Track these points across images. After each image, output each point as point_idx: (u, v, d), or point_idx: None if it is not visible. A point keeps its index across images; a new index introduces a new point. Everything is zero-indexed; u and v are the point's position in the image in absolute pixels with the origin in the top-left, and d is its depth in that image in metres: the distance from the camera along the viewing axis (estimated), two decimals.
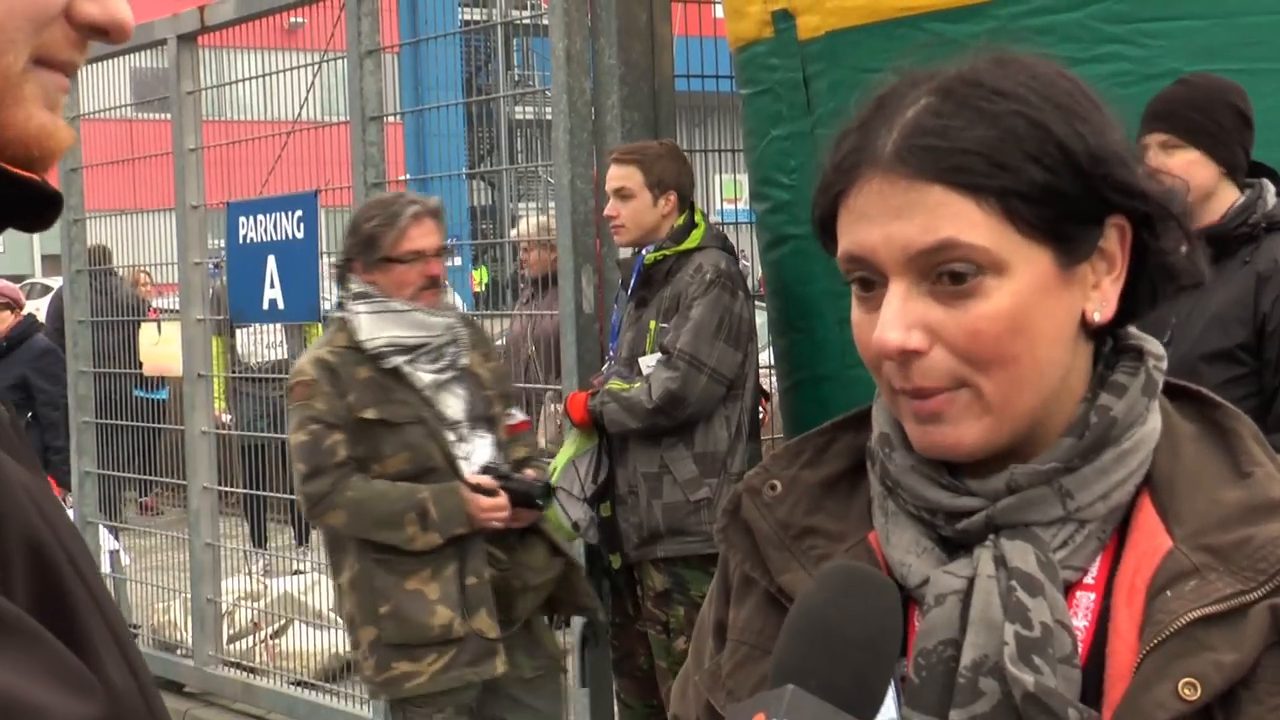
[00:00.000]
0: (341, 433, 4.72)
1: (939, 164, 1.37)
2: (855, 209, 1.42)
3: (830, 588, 1.33)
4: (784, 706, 1.23)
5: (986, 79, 1.42)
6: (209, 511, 7.86)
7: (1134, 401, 1.45)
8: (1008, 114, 1.39)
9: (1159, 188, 1.44)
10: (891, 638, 1.30)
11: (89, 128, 8.78)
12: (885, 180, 1.40)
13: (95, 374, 8.76)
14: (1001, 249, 1.38)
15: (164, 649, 8.32)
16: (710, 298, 5.29)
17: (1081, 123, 1.40)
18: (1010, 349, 1.38)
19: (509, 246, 12.37)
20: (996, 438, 1.42)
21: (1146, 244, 1.45)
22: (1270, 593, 1.34)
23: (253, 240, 7.34)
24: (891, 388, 1.44)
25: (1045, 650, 1.36)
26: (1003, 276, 1.38)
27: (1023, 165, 1.37)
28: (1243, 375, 4.09)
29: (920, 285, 1.39)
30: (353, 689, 7.23)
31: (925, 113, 1.40)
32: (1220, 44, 4.44)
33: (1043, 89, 1.41)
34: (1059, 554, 1.42)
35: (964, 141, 1.38)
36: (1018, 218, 1.38)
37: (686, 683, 1.68)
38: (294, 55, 8.06)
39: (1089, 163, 1.39)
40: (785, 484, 1.57)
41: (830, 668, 1.27)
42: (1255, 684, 1.34)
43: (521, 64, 23.58)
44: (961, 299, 1.38)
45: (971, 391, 1.40)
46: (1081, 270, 1.43)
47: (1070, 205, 1.39)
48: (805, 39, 5.00)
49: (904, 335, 1.38)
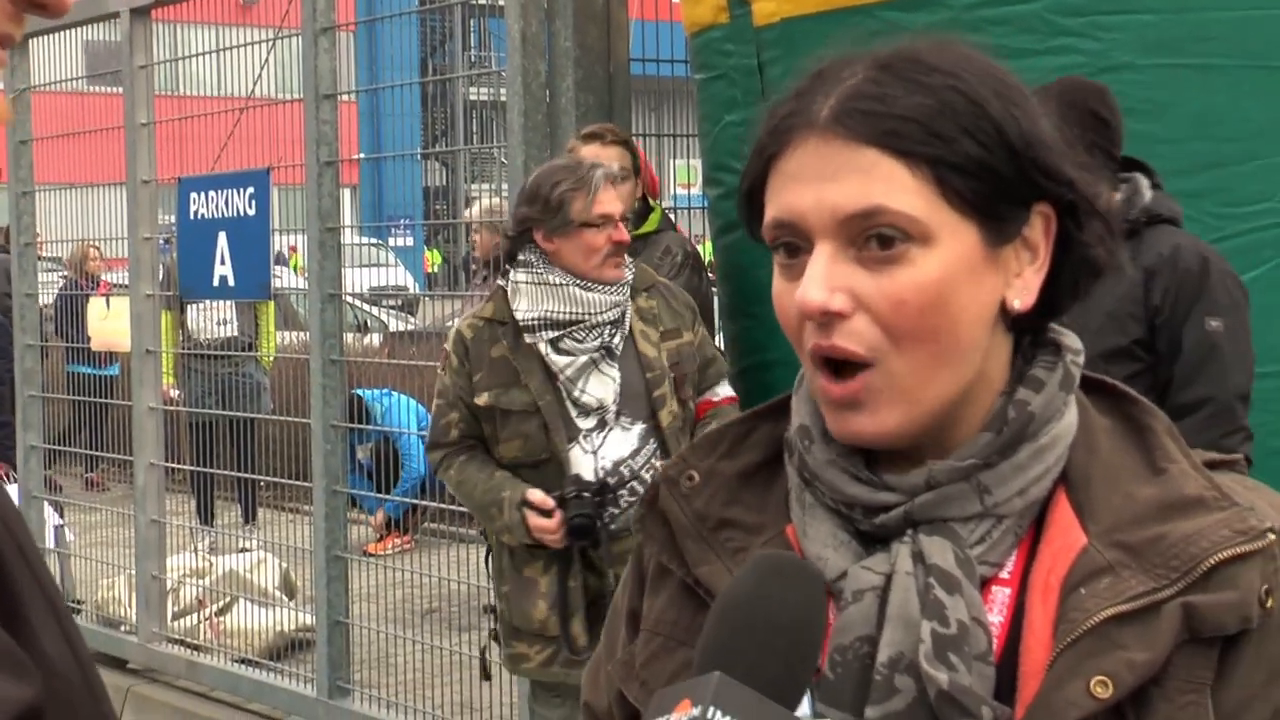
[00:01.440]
0: (459, 411, 4.65)
1: (876, 127, 1.38)
2: (787, 171, 1.42)
3: (758, 576, 1.33)
4: (710, 693, 1.22)
5: (925, 56, 1.42)
6: (155, 488, 7.81)
7: (1051, 396, 1.45)
8: (945, 88, 1.39)
9: (1086, 178, 1.45)
10: (817, 627, 1.30)
11: (40, 100, 8.70)
12: (821, 140, 1.40)
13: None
14: (930, 219, 1.38)
15: (108, 625, 8.27)
16: (682, 279, 5.33)
17: (1015, 106, 1.41)
18: (931, 321, 1.38)
19: (463, 228, 12.36)
20: (914, 424, 1.42)
21: (1070, 235, 1.45)
22: (1182, 590, 1.35)
23: (204, 216, 7.30)
24: (809, 354, 1.42)
25: (961, 648, 1.35)
26: (929, 247, 1.38)
27: (958, 137, 1.38)
28: (1141, 371, 4.12)
29: (847, 250, 1.39)
30: (297, 667, 7.22)
31: (864, 81, 1.41)
32: (1173, 38, 4.46)
33: (979, 71, 1.42)
34: (976, 549, 1.41)
35: (901, 108, 1.38)
36: (949, 189, 1.38)
37: (599, 670, 1.66)
38: (249, 31, 8.02)
39: (1021, 144, 1.40)
40: (703, 475, 1.55)
41: (756, 655, 1.27)
42: (1166, 682, 1.34)
43: (479, 45, 23.56)
44: (887, 266, 1.38)
45: (885, 374, 1.40)
46: (1006, 254, 1.43)
47: (1001, 183, 1.40)
48: (760, 25, 5.01)
49: (827, 295, 1.38)
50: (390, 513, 9.60)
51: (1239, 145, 4.45)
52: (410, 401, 9.27)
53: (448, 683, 6.62)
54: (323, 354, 6.67)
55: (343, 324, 6.84)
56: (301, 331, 8.59)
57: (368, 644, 7.13)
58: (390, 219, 18.34)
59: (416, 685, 6.63)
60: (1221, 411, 4.08)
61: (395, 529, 9.59)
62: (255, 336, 9.66)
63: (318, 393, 6.71)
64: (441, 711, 6.50)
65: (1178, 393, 4.11)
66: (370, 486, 9.05)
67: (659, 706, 1.26)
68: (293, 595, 8.32)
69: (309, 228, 6.69)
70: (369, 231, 19.28)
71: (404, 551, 9.15)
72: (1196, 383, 4.10)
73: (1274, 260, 4.45)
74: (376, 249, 19.19)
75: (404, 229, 19.24)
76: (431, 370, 8.75)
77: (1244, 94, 4.44)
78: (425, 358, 8.62)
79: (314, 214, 6.63)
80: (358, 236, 15.55)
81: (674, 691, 1.27)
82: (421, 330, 11.01)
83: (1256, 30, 4.46)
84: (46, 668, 1.15)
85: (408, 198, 17.75)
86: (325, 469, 6.71)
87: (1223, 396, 4.09)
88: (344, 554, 6.79)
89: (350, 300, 9.97)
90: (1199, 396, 4.09)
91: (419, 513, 9.59)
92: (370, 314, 13.12)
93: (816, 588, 1.33)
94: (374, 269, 18.51)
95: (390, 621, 7.47)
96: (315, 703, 6.83)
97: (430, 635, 7.15)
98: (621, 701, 1.57)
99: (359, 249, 16.33)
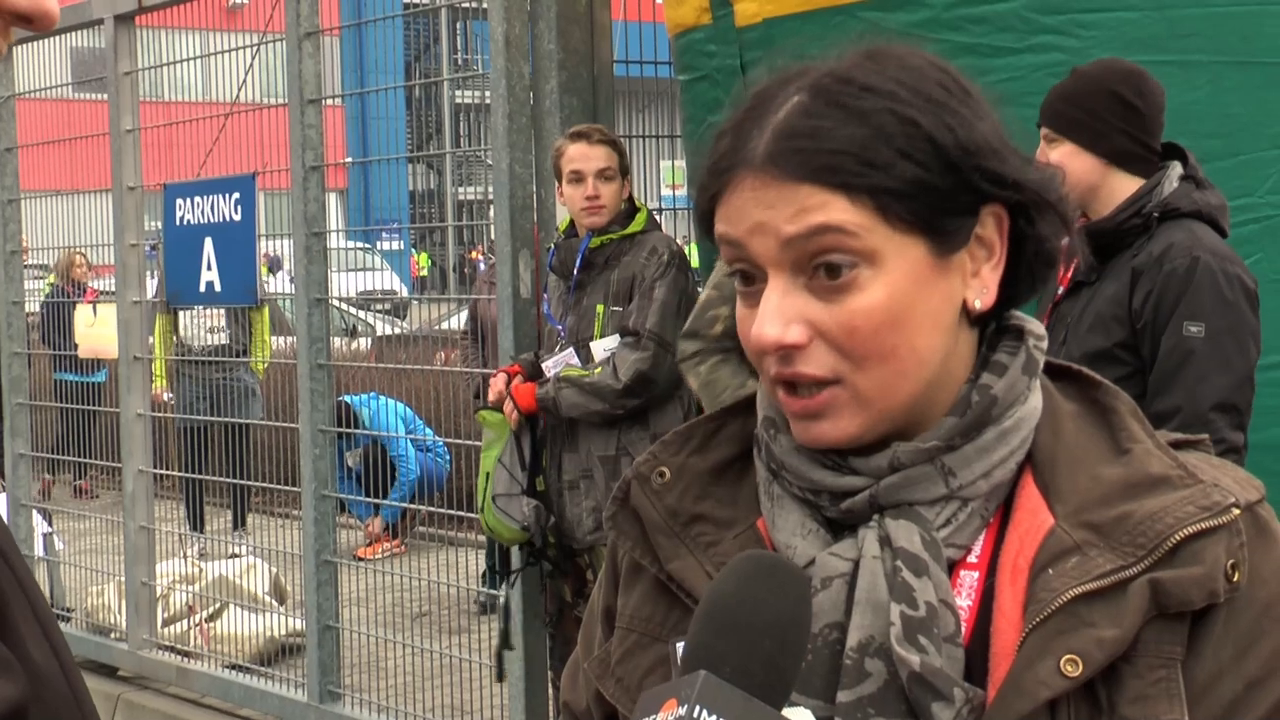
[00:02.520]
0: (730, 308, 4.61)
1: (808, 164, 1.39)
2: (730, 206, 1.43)
3: (742, 575, 1.33)
4: (695, 693, 1.23)
5: (857, 75, 1.42)
6: (144, 494, 7.81)
7: (1014, 380, 1.47)
8: (877, 111, 1.39)
9: (1034, 175, 1.45)
10: (803, 625, 1.31)
11: (25, 107, 8.70)
12: (758, 180, 1.41)
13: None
14: (874, 238, 1.39)
15: (98, 632, 8.27)
16: (670, 278, 5.36)
17: (951, 115, 1.41)
18: (888, 341, 1.40)
19: (451, 231, 12.36)
20: (878, 427, 1.44)
21: (1024, 231, 1.46)
22: (1149, 568, 1.36)
23: (190, 222, 7.30)
24: (772, 379, 1.44)
25: (930, 630, 1.37)
26: (876, 268, 1.39)
27: (893, 161, 1.38)
28: (1127, 375, 3.97)
29: (797, 280, 1.40)
30: (287, 673, 7.22)
31: (796, 113, 1.41)
32: (1153, 35, 4.48)
33: (913, 83, 1.42)
34: (942, 532, 1.43)
35: (833, 142, 1.38)
36: (890, 213, 1.39)
37: (577, 670, 1.67)
38: (234, 36, 8.02)
39: (959, 155, 1.40)
40: (674, 471, 1.56)
41: (742, 654, 1.27)
42: (1136, 658, 1.36)
43: (464, 48, 23.54)
44: (838, 294, 1.39)
45: (849, 390, 1.41)
46: (959, 259, 1.44)
47: (942, 198, 1.40)
48: (743, 26, 5.02)
49: (782, 330, 1.40)
50: (386, 518, 9.61)
51: (1220, 141, 4.46)
52: (398, 405, 9.28)
53: (439, 686, 6.63)
54: (310, 359, 6.67)
55: (330, 328, 6.84)
56: (290, 336, 8.59)
57: (358, 648, 7.13)
58: (378, 223, 18.33)
59: (407, 689, 6.63)
60: (1191, 422, 3.85)
61: (386, 533, 9.60)
62: (249, 343, 9.66)
63: (306, 397, 6.71)
64: (432, 715, 6.50)
65: (1151, 401, 3.95)
66: (360, 492, 9.06)
67: (645, 707, 1.27)
68: (283, 600, 8.32)
69: (295, 232, 6.69)
70: (357, 236, 19.26)
71: (394, 555, 9.15)
72: (1168, 392, 3.93)
73: (1255, 255, 4.45)
74: (365, 253, 19.18)
75: (393, 233, 19.23)
76: (420, 374, 8.78)
77: (1224, 90, 4.46)
78: (414, 362, 8.63)
79: (300, 219, 6.63)
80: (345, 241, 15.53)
81: (660, 692, 1.27)
82: (410, 334, 11.01)
83: (1236, 26, 4.47)
84: (31, 672, 1.15)
85: (395, 202, 17.75)
86: (314, 473, 6.71)
87: (1193, 407, 3.90)
88: (334, 558, 6.80)
89: (338, 305, 9.97)
90: (1169, 407, 3.91)
91: (412, 517, 9.60)
92: (359, 318, 13.11)
93: (800, 585, 1.33)
94: (363, 273, 18.50)
95: (381, 625, 7.47)
96: (306, 708, 6.83)
97: (421, 639, 7.16)
98: (599, 699, 1.58)
99: (347, 253, 16.31)
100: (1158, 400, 3.94)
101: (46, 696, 1.16)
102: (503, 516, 5.48)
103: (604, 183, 5.41)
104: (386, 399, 8.87)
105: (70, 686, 1.21)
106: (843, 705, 1.38)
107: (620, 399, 5.27)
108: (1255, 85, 4.47)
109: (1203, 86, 4.45)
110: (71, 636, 8.24)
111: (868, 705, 1.37)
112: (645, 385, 5.28)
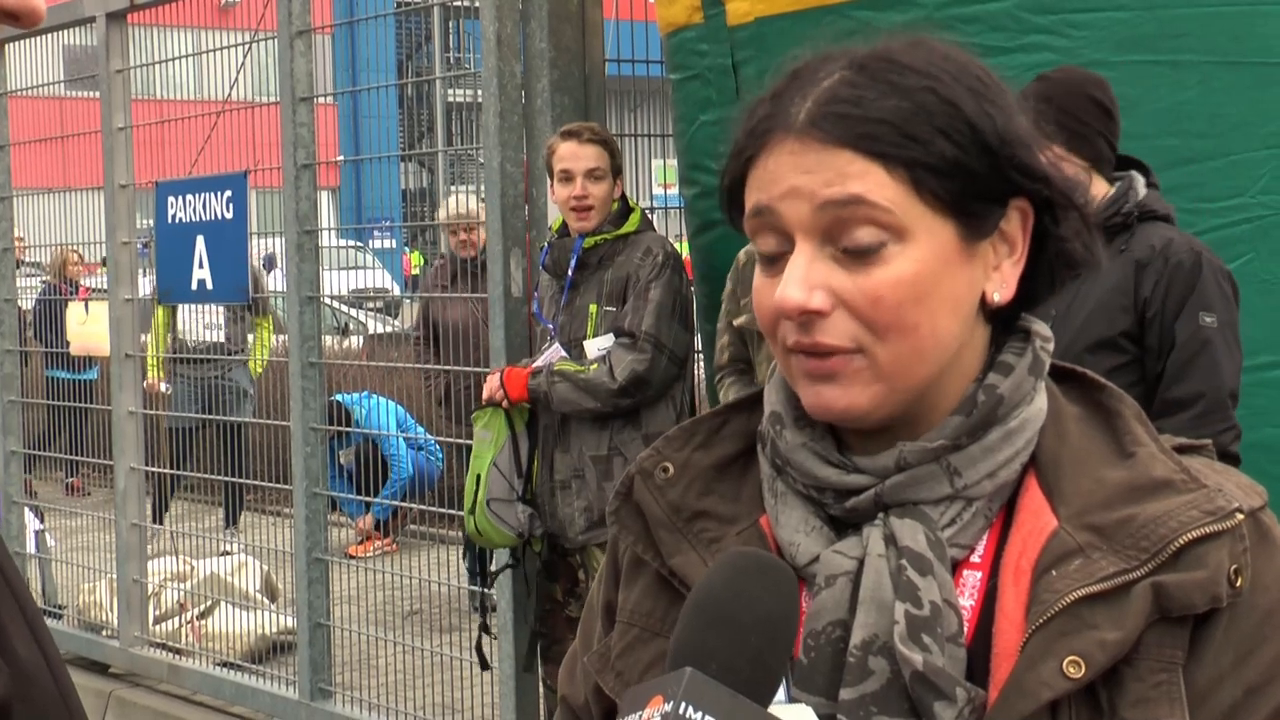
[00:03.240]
0: (729, 335, 4.89)
1: (851, 130, 1.40)
2: (765, 170, 1.44)
3: (730, 572, 1.34)
4: (681, 689, 1.23)
5: (901, 57, 1.44)
6: (135, 492, 7.80)
7: (1020, 381, 1.47)
8: (920, 89, 1.41)
9: (1062, 174, 1.46)
10: (789, 623, 1.31)
11: (17, 104, 8.69)
12: (797, 143, 1.42)
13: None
14: (906, 215, 1.40)
15: (89, 630, 8.26)
16: (665, 280, 5.35)
17: (990, 104, 1.43)
18: (910, 317, 1.40)
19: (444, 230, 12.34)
20: (887, 405, 1.44)
21: (1047, 230, 1.47)
22: (1152, 571, 1.36)
23: (181, 220, 7.29)
24: (786, 347, 1.44)
25: (934, 629, 1.37)
26: (905, 243, 1.40)
27: (932, 138, 1.40)
28: (1125, 364, 4.09)
29: (824, 249, 1.41)
30: (279, 670, 7.22)
31: (840, 83, 1.43)
32: (1144, 35, 4.48)
33: (955, 70, 1.44)
34: (946, 532, 1.43)
35: (876, 111, 1.40)
36: (924, 189, 1.40)
37: (575, 664, 1.67)
38: (226, 35, 8.01)
39: (996, 142, 1.42)
40: (677, 466, 1.56)
41: (728, 651, 1.28)
42: (1138, 661, 1.36)
43: (456, 46, 23.49)
44: (865, 264, 1.40)
45: (867, 359, 1.42)
46: (983, 249, 1.45)
47: (976, 182, 1.42)
48: (734, 25, 5.02)
49: (807, 295, 1.40)
50: (378, 515, 9.61)
51: (1211, 141, 4.46)
52: (390, 404, 9.27)
53: (430, 684, 6.62)
54: (301, 356, 6.67)
55: (321, 327, 6.83)
56: (282, 334, 8.59)
57: (349, 646, 7.13)
58: (370, 221, 18.31)
59: (398, 687, 6.63)
60: (1214, 408, 4.03)
61: (377, 531, 9.60)
62: (246, 344, 9.64)
63: (297, 395, 6.71)
64: (423, 713, 6.50)
65: (1169, 388, 4.07)
66: (353, 491, 9.05)
67: (631, 703, 1.27)
68: (274, 598, 8.32)
69: (287, 230, 6.68)
70: (349, 234, 19.25)
71: (386, 554, 9.15)
72: (1189, 378, 4.05)
73: (1247, 255, 4.47)
74: (357, 251, 19.17)
75: (384, 231, 19.22)
76: (411, 372, 8.78)
77: (1215, 90, 4.46)
78: (406, 360, 8.62)
79: (292, 217, 6.63)
80: (337, 239, 15.53)
81: (646, 688, 1.28)
82: (403, 332, 11.00)
83: (1227, 26, 4.48)
84: (16, 668, 1.15)
85: (387, 200, 17.74)
86: (305, 471, 6.71)
87: (1214, 393, 4.05)
88: (325, 556, 6.79)
89: (329, 303, 9.97)
90: (1191, 392, 4.04)
91: (404, 515, 9.60)
92: (351, 317, 13.11)
93: (788, 583, 1.34)
94: (355, 271, 18.49)
95: (372, 623, 7.47)
96: (297, 705, 6.82)
97: (412, 637, 7.16)
98: (598, 694, 1.58)
99: (339, 251, 16.30)
100: (1175, 386, 4.07)
101: (33, 694, 1.16)
102: (496, 521, 5.48)
103: (593, 183, 5.40)
104: (380, 398, 8.86)
105: (57, 683, 1.21)
106: (845, 703, 1.38)
107: (614, 398, 5.27)
108: (1246, 85, 4.47)
109: (1194, 86, 4.46)
110: (63, 634, 8.23)
111: (870, 703, 1.38)
112: (640, 386, 5.28)
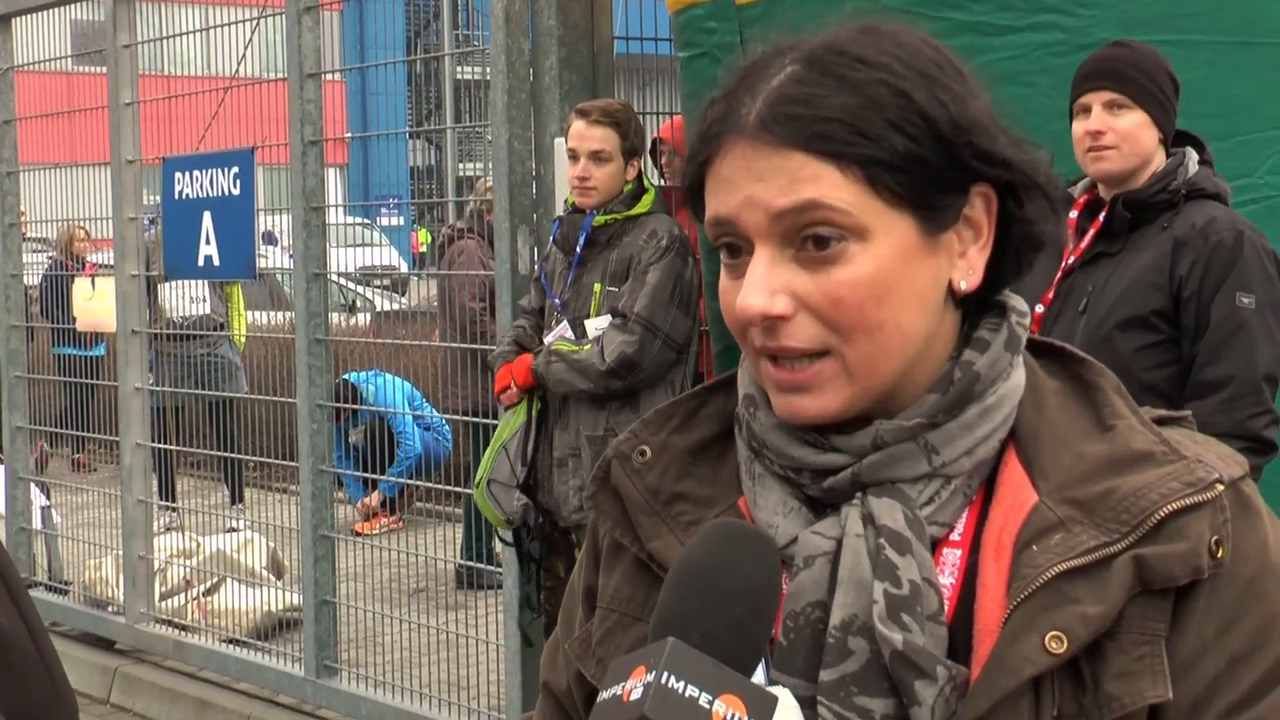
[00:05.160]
0: None
1: (801, 132, 1.38)
2: (720, 176, 1.42)
3: (712, 543, 1.34)
4: (664, 659, 1.23)
5: (851, 48, 1.42)
6: (142, 468, 7.82)
7: (996, 357, 1.46)
8: (870, 82, 1.39)
9: (1023, 156, 1.45)
10: (772, 591, 1.31)
11: (25, 79, 8.69)
12: (749, 147, 1.40)
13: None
14: (864, 214, 1.38)
15: (95, 606, 8.28)
16: (665, 263, 5.32)
17: (944, 91, 1.41)
18: (874, 316, 1.39)
19: (452, 207, 12.32)
20: (858, 404, 1.43)
21: (1012, 212, 1.46)
22: (1133, 544, 1.36)
23: (189, 196, 7.29)
24: (756, 351, 1.43)
25: (914, 608, 1.36)
26: (865, 242, 1.38)
27: (885, 133, 1.38)
28: (1157, 343, 4.04)
29: (784, 251, 1.40)
30: (284, 647, 7.23)
31: (789, 81, 1.41)
32: (1154, 15, 4.46)
33: (907, 57, 1.41)
34: (925, 510, 1.42)
35: (827, 109, 1.38)
36: (880, 185, 1.38)
37: (557, 650, 1.66)
38: (233, 10, 8.00)
39: (951, 130, 1.40)
40: (655, 450, 1.55)
41: (711, 621, 1.28)
42: (1120, 635, 1.35)
43: (466, 23, 23.48)
44: (825, 265, 1.38)
45: (836, 360, 1.40)
46: (947, 238, 1.43)
47: (932, 173, 1.40)
48: (743, 3, 5.00)
49: (768, 300, 1.39)
50: (385, 493, 9.61)
51: (1219, 121, 4.45)
52: (400, 381, 9.27)
53: (435, 661, 6.63)
54: (308, 333, 6.67)
55: (328, 303, 6.83)
56: (288, 311, 8.58)
57: (355, 623, 7.14)
58: (378, 198, 18.30)
59: (404, 664, 6.65)
60: (1246, 392, 3.95)
61: (384, 509, 9.60)
62: (226, 317, 9.65)
63: (303, 372, 6.71)
64: (429, 690, 6.51)
65: (1201, 369, 4.00)
66: (359, 469, 9.05)
67: (615, 674, 1.27)
68: (280, 575, 8.33)
69: (293, 207, 6.68)
70: (356, 211, 19.24)
71: (392, 531, 9.16)
72: (1221, 360, 3.98)
73: None
74: (365, 228, 19.16)
75: (392, 208, 19.21)
76: (420, 350, 8.77)
77: (1223, 70, 4.45)
78: (414, 338, 8.62)
79: (299, 193, 6.62)
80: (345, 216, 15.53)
81: (629, 660, 1.28)
82: (410, 310, 11.00)
83: (1237, 7, 4.47)
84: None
85: (395, 177, 17.75)
86: (312, 448, 6.71)
87: (1248, 376, 3.96)
88: (331, 534, 6.80)
89: (336, 280, 9.97)
90: (1223, 375, 3.97)
91: (410, 493, 9.60)
92: (358, 294, 13.11)
93: (770, 553, 1.34)
94: (363, 249, 18.49)
95: (377, 601, 7.48)
96: (303, 682, 6.84)
97: (417, 614, 7.17)
98: (580, 680, 1.57)
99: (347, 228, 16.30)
100: (1209, 368, 4.00)
101: (13, 660, 1.16)
102: (492, 503, 5.49)
103: (597, 164, 5.38)
104: (390, 376, 8.86)
105: (39, 650, 1.21)
106: (825, 684, 1.37)
107: (603, 379, 5.26)
108: (1255, 66, 4.46)
109: (1202, 67, 4.44)
110: (69, 610, 8.26)
111: (850, 684, 1.37)
112: (629, 368, 5.25)
